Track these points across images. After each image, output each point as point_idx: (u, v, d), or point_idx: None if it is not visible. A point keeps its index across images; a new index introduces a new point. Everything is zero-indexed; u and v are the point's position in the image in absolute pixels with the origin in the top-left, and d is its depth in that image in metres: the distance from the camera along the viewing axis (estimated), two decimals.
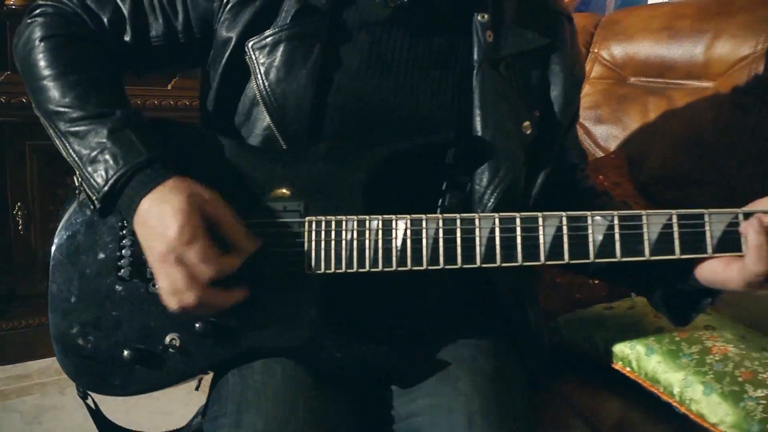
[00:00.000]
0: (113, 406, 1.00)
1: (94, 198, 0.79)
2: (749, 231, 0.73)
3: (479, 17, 0.89)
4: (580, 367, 1.14)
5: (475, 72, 0.88)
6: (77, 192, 0.86)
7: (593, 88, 1.65)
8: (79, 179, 0.83)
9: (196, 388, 1.00)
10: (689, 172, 1.42)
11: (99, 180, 0.78)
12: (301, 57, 0.84)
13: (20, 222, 1.98)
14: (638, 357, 1.03)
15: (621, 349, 1.06)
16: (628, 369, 1.05)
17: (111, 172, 0.77)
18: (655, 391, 1.00)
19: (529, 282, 0.98)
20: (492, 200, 0.85)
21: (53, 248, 0.85)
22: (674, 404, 0.97)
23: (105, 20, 0.89)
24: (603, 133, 1.59)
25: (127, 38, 0.89)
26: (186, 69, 0.97)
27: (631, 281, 0.96)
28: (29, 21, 0.88)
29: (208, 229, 0.75)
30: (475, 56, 0.88)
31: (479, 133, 0.86)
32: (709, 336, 1.02)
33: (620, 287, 1.21)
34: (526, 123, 0.89)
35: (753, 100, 1.38)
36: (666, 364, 0.99)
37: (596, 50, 1.70)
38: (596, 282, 1.24)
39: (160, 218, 0.74)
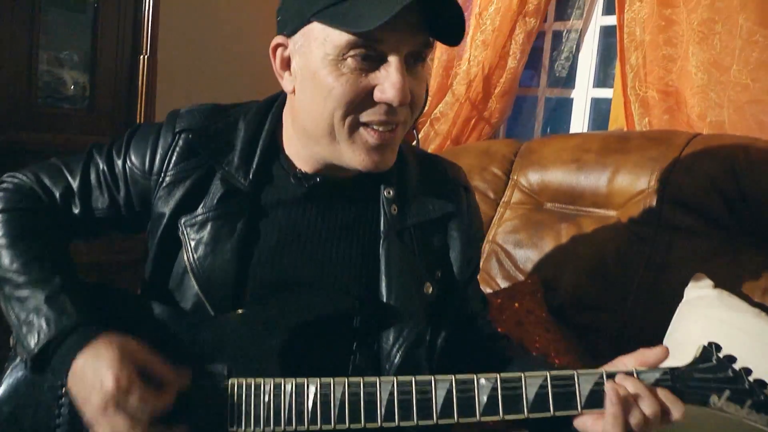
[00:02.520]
0: None
1: (26, 358, 0.88)
2: (607, 402, 0.85)
3: (385, 192, 1.02)
4: None
5: (381, 242, 1.00)
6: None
7: (513, 213, 1.81)
8: (14, 339, 0.92)
9: None
10: (596, 297, 1.57)
11: (31, 343, 0.87)
12: (225, 234, 0.96)
13: None
14: None
15: None
16: None
17: (42, 336, 0.87)
18: None
19: None
20: (398, 357, 0.97)
21: None
22: None
23: (57, 195, 1.01)
24: (522, 256, 1.74)
25: (76, 211, 1.02)
26: (130, 234, 1.09)
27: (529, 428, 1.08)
28: None
29: (139, 374, 0.85)
30: (382, 227, 1.01)
31: (384, 299, 0.98)
32: None
33: None
34: (428, 284, 1.01)
35: (648, 232, 1.55)
36: None
37: (516, 177, 1.87)
38: None
39: (96, 372, 0.83)
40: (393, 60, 0.87)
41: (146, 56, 2.25)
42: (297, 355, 0.93)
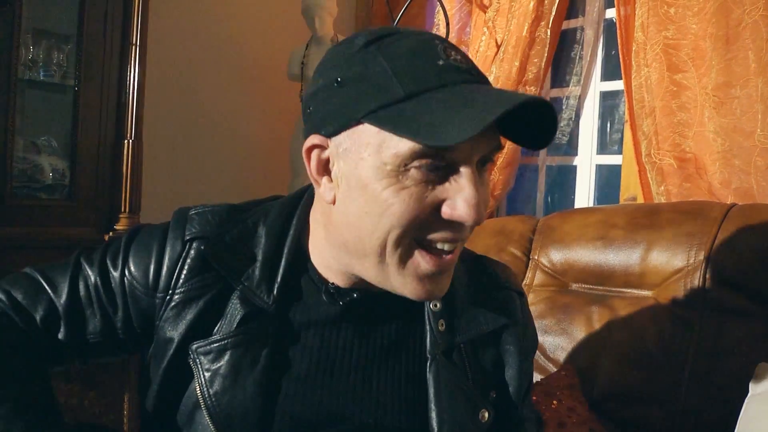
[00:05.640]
0: None
1: None
2: None
3: (431, 305, 0.87)
4: None
5: (428, 364, 0.85)
6: None
7: (537, 296, 1.67)
8: None
9: None
10: (642, 389, 1.41)
11: None
12: (247, 364, 0.80)
13: None
14: None
15: None
16: None
17: None
18: None
19: None
20: None
21: None
22: None
23: (37, 318, 0.84)
24: (551, 344, 1.58)
25: (60, 336, 0.85)
26: (122, 357, 0.92)
27: None
28: None
29: None
30: (428, 347, 0.86)
31: None
32: None
33: None
34: (483, 411, 0.86)
35: (693, 314, 1.41)
36: None
37: (536, 257, 1.73)
38: None
39: None
40: (465, 170, 0.72)
41: (131, 141, 2.11)
42: None
